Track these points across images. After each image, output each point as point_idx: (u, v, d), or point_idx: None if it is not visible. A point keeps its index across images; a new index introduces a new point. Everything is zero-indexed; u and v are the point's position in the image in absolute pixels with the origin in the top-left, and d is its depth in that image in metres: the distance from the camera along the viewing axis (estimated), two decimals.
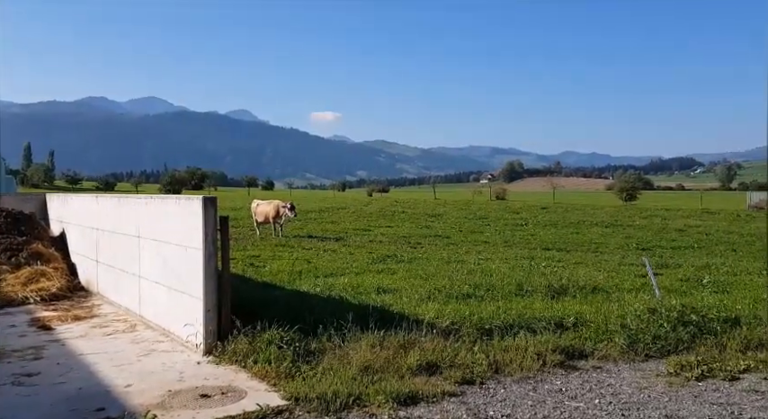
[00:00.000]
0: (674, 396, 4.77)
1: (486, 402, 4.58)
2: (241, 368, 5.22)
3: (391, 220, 27.40)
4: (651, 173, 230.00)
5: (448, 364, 5.28)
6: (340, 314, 6.16)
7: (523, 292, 8.62)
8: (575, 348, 5.87)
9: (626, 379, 5.18)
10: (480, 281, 9.26)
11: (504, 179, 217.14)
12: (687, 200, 59.45)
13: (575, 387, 4.98)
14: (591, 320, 6.61)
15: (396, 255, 13.83)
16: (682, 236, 21.28)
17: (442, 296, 8.17)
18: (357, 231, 21.43)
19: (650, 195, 73.97)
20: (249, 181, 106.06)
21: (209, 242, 5.73)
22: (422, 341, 5.69)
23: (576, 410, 4.45)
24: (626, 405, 4.57)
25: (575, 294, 8.55)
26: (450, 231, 22.42)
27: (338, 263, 12.10)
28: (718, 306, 7.12)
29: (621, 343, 5.93)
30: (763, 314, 6.85)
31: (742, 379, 5.17)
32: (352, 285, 8.86)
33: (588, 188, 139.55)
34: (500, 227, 24.51)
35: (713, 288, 9.19)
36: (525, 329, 6.27)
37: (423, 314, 6.54)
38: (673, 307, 6.63)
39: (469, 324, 6.30)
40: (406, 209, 35.47)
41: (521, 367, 5.34)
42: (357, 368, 5.01)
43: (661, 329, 6.19)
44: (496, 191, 64.17)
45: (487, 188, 75.65)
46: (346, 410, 4.30)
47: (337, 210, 32.41)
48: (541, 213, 33.72)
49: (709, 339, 6.11)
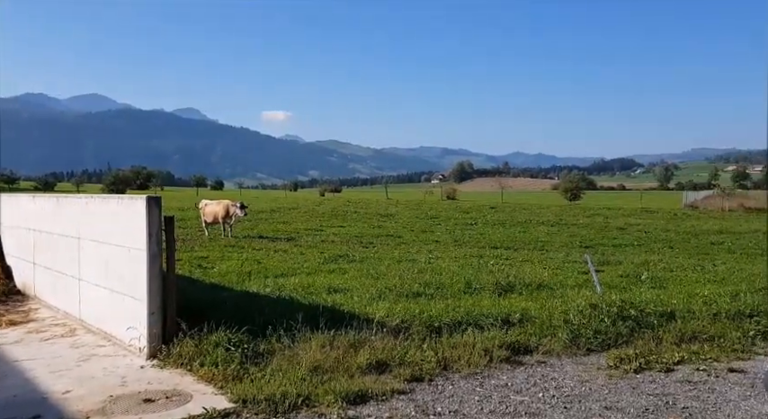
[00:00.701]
0: (614, 388, 4.96)
1: (434, 398, 4.64)
2: (187, 371, 5.11)
3: (343, 220, 27.35)
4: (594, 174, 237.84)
5: (398, 362, 5.32)
6: (290, 314, 6.11)
7: (472, 290, 8.77)
8: (520, 343, 6.01)
9: (568, 373, 5.35)
10: (430, 280, 9.36)
11: (454, 179, 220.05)
12: (628, 199, 61.81)
13: (520, 381, 5.11)
14: (536, 316, 6.79)
15: (347, 255, 13.82)
16: (622, 234, 22.13)
17: (393, 295, 8.22)
18: (309, 231, 21.29)
19: (593, 195, 76.57)
20: (197, 180, 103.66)
21: (154, 242, 5.58)
22: (372, 340, 5.70)
23: (520, 404, 4.57)
24: (568, 398, 4.72)
25: (521, 291, 8.76)
26: (401, 231, 22.57)
27: (289, 264, 11.99)
28: (655, 301, 7.44)
29: (564, 338, 6.12)
30: (698, 308, 7.19)
31: (676, 371, 5.42)
32: (303, 285, 8.80)
33: (535, 188, 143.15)
34: (450, 227, 24.85)
35: (651, 283, 9.60)
36: (473, 326, 6.38)
37: (373, 313, 6.56)
38: (613, 303, 6.90)
39: (419, 322, 6.36)
40: (359, 209, 35.49)
41: (468, 363, 5.43)
42: (307, 368, 4.98)
43: (602, 324, 6.42)
44: (447, 191, 65.06)
45: (438, 188, 76.56)
46: (295, 411, 4.27)
47: (289, 210, 32.09)
48: (490, 213, 34.38)
49: (646, 332, 6.37)
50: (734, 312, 7.03)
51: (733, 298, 7.64)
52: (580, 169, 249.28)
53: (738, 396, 4.74)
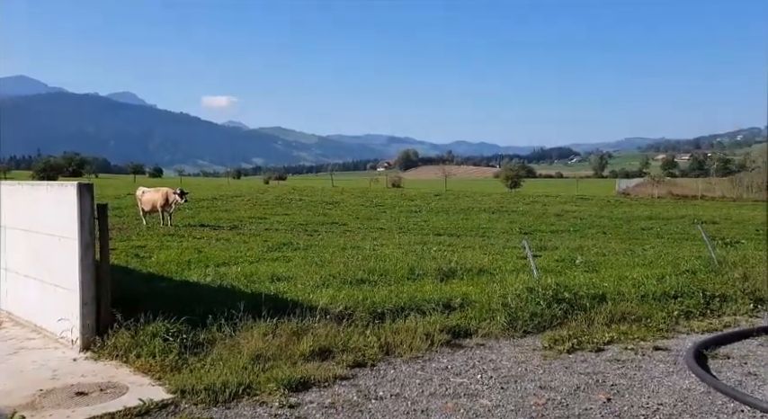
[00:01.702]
0: (548, 368, 5.17)
1: (376, 383, 4.71)
2: (123, 363, 4.97)
3: (288, 208, 27.07)
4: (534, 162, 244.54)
5: (341, 349, 5.35)
6: (232, 303, 6.02)
7: (415, 276, 8.90)
8: (461, 327, 6.17)
9: (506, 355, 5.53)
10: (374, 267, 9.41)
11: (399, 167, 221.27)
12: (565, 187, 63.97)
13: (459, 364, 5.25)
14: (476, 300, 6.97)
15: (292, 243, 13.72)
16: (559, 221, 22.93)
17: (337, 282, 8.24)
18: (253, 219, 20.96)
19: (533, 182, 78.81)
20: (135, 168, 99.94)
21: (86, 231, 5.37)
22: (315, 327, 5.71)
23: (460, 386, 4.70)
24: (505, 378, 4.88)
25: (462, 276, 8.95)
26: (347, 218, 22.56)
27: (231, 252, 11.79)
28: (588, 284, 7.78)
29: (503, 321, 6.31)
30: (627, 290, 7.56)
31: (606, 350, 5.69)
32: (246, 274, 8.68)
33: (478, 176, 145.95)
34: (395, 214, 25.03)
35: (585, 267, 10.01)
36: (416, 311, 6.49)
37: (317, 300, 6.56)
38: (548, 286, 7.16)
39: (363, 308, 6.41)
40: (304, 196, 35.18)
41: (410, 348, 5.53)
42: (248, 357, 4.94)
43: (538, 307, 6.66)
44: (392, 179, 65.49)
45: (384, 176, 76.87)
46: (236, 400, 4.24)
47: (232, 198, 31.45)
48: (434, 200, 34.84)
49: (579, 314, 6.65)
50: (660, 294, 7.45)
51: (659, 281, 8.07)
52: (520, 158, 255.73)
53: (662, 373, 5.03)
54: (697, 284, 7.88)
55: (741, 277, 8.33)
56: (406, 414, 4.11)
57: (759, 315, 7.09)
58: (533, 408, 4.23)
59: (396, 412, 4.14)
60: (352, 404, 4.26)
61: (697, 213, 27.96)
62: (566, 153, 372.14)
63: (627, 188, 51.68)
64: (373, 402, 4.31)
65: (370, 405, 4.25)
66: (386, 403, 4.29)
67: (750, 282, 8.08)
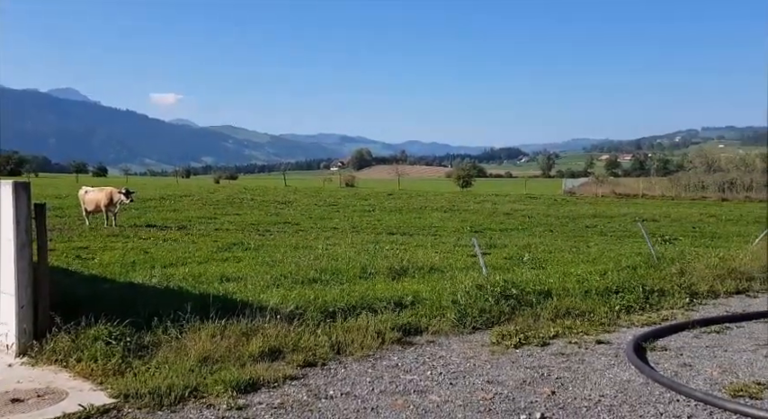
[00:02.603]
0: (496, 362, 5.28)
1: (327, 382, 4.70)
2: (62, 367, 4.78)
3: (239, 208, 26.61)
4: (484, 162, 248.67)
5: (291, 348, 5.31)
6: (178, 305, 5.89)
7: (367, 275, 8.92)
8: (412, 325, 6.22)
9: (455, 351, 5.62)
10: (326, 266, 9.40)
11: (353, 167, 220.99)
12: (514, 186, 65.36)
13: (410, 361, 5.30)
14: (427, 298, 7.06)
15: (242, 243, 13.52)
16: (509, 219, 23.40)
17: (289, 282, 8.18)
18: (202, 219, 20.50)
19: (483, 182, 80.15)
20: (77, 166, 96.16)
21: (22, 231, 5.14)
22: (265, 327, 5.65)
23: (410, 382, 4.74)
24: (454, 374, 4.96)
25: (414, 274, 9.04)
26: (299, 218, 22.37)
27: (179, 253, 11.51)
28: (534, 280, 7.99)
29: (453, 318, 6.41)
30: (572, 286, 7.80)
31: (552, 344, 5.86)
32: (194, 275, 8.51)
33: (430, 175, 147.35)
34: (349, 214, 24.99)
35: (532, 264, 10.28)
36: (367, 310, 6.51)
37: (267, 300, 6.49)
38: (497, 283, 7.32)
39: (314, 307, 6.39)
40: (256, 196, 34.66)
41: (362, 346, 5.54)
42: (195, 359, 4.84)
43: (486, 303, 6.79)
44: (346, 178, 65.38)
45: (338, 175, 76.59)
46: (182, 403, 4.15)
47: (180, 198, 30.67)
48: (388, 199, 34.97)
49: (526, 310, 6.82)
50: (602, 289, 7.72)
51: (602, 277, 8.37)
52: (472, 157, 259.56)
53: (604, 366, 5.22)
54: (637, 279, 8.20)
55: (678, 272, 8.73)
56: (356, 412, 4.12)
57: (694, 308, 7.45)
58: (481, 403, 4.31)
59: (346, 410, 4.14)
60: (302, 403, 4.23)
61: (638, 211, 29.08)
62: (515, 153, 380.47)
63: (573, 187, 53.25)
64: (323, 401, 4.30)
65: (320, 404, 4.24)
66: (336, 402, 4.29)
67: (686, 277, 8.48)
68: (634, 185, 49.96)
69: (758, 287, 8.58)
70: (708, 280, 8.44)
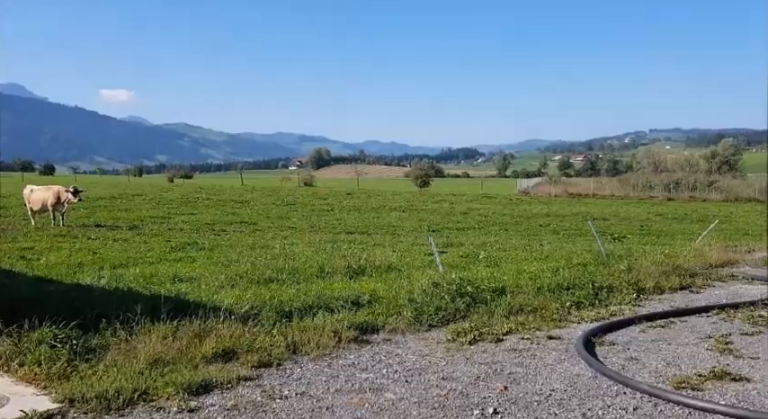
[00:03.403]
0: (451, 359, 5.34)
1: (281, 383, 4.65)
2: (3, 372, 4.57)
3: (194, 207, 26.11)
4: (442, 162, 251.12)
5: (246, 349, 5.24)
6: (128, 306, 5.73)
7: (325, 274, 8.89)
8: (368, 323, 6.22)
9: (411, 349, 5.65)
10: (283, 266, 9.32)
11: (312, 166, 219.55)
12: (471, 186, 66.26)
13: (366, 359, 5.31)
14: (384, 296, 7.08)
15: (197, 243, 13.27)
16: (465, 219, 23.74)
17: (244, 282, 8.08)
18: (155, 219, 20.01)
19: (441, 182, 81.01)
20: (23, 165, 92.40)
21: None
22: (219, 328, 5.55)
23: (365, 381, 4.75)
24: (410, 371, 4.99)
25: (371, 273, 9.05)
26: (257, 218, 22.11)
27: (130, 253, 11.22)
28: (489, 278, 8.12)
29: (409, 316, 6.44)
30: (525, 283, 7.96)
31: (505, 340, 5.96)
32: (145, 275, 8.30)
33: (389, 175, 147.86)
34: (307, 213, 24.84)
35: (487, 262, 10.44)
36: (324, 309, 6.48)
37: (221, 301, 6.39)
38: (453, 281, 7.40)
39: (269, 307, 6.32)
40: (211, 195, 34.07)
41: (318, 345, 5.51)
42: (145, 361, 4.71)
43: (443, 301, 6.86)
44: (304, 177, 64.98)
45: (296, 175, 75.99)
46: (130, 406, 4.04)
47: (132, 197, 29.86)
48: (347, 199, 34.94)
49: (481, 307, 6.92)
50: (554, 286, 7.91)
51: (554, 274, 8.57)
52: (430, 157, 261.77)
53: (555, 361, 5.34)
54: (587, 276, 8.43)
55: (626, 269, 9.02)
56: (311, 411, 4.10)
57: (641, 303, 7.71)
58: (436, 399, 4.35)
59: (301, 410, 4.12)
60: (256, 404, 4.18)
61: (589, 210, 29.94)
62: (472, 153, 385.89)
63: (527, 187, 54.39)
64: (278, 401, 4.26)
65: (275, 404, 4.20)
66: (291, 402, 4.26)
67: (633, 274, 8.77)
68: (585, 185, 51.40)
69: (701, 283, 8.94)
70: (654, 276, 8.75)
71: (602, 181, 58.50)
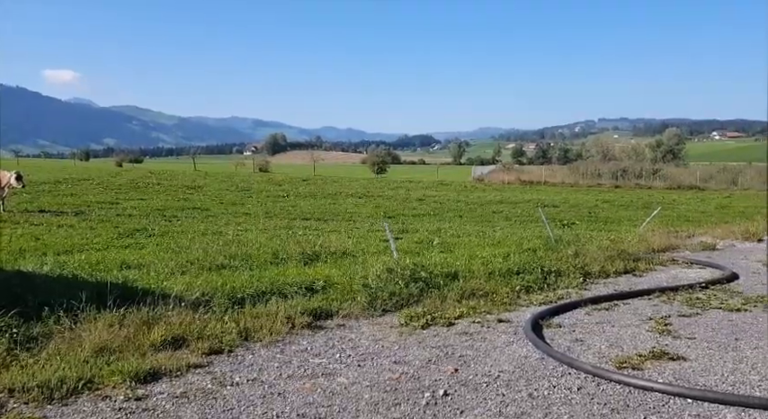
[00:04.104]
0: (403, 343, 5.40)
1: (233, 369, 4.61)
2: None
3: (144, 192, 25.43)
4: (399, 149, 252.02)
5: (196, 336, 5.16)
6: (73, 294, 5.54)
7: (279, 260, 8.82)
8: (323, 309, 6.22)
9: (365, 333, 5.69)
10: (236, 252, 9.19)
11: (267, 151, 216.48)
12: (427, 173, 66.87)
13: (319, 345, 5.31)
14: (338, 282, 7.09)
15: (146, 229, 12.94)
16: (421, 205, 23.94)
17: (195, 268, 7.94)
18: (102, 204, 19.39)
19: (398, 168, 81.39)
20: None
21: None
22: (168, 315, 5.45)
23: (318, 366, 4.76)
24: (363, 356, 5.03)
25: (326, 259, 9.04)
26: (210, 203, 21.72)
27: (75, 240, 10.85)
28: (442, 263, 8.22)
29: (363, 301, 6.47)
30: (477, 268, 8.10)
31: (457, 324, 6.06)
32: (91, 262, 8.04)
33: (346, 161, 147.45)
34: (262, 199, 24.56)
35: (441, 248, 10.58)
36: (278, 295, 6.44)
37: (171, 288, 6.26)
38: (407, 266, 7.46)
39: (221, 294, 6.24)
40: (162, 180, 33.24)
41: (270, 332, 5.48)
42: (91, 350, 4.58)
43: (396, 286, 6.91)
44: (260, 163, 64.12)
45: (251, 160, 74.81)
46: (74, 396, 3.93)
47: (79, 182, 28.82)
48: (302, 185, 34.70)
49: (434, 292, 7.00)
50: (505, 270, 8.07)
51: (505, 259, 8.75)
52: (386, 144, 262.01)
53: (504, 343, 5.47)
54: (537, 261, 8.65)
55: (573, 254, 9.29)
56: (262, 397, 4.08)
57: (587, 287, 7.97)
58: (388, 383, 4.41)
59: (252, 396, 4.09)
60: (206, 391, 4.14)
61: (541, 197, 30.65)
62: (428, 140, 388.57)
63: (481, 174, 55.27)
64: (228, 388, 4.22)
65: (225, 391, 4.16)
66: (242, 388, 4.23)
67: (580, 259, 9.05)
68: (537, 173, 52.59)
69: (643, 267, 9.30)
70: (600, 261, 9.05)
71: (554, 169, 59.99)
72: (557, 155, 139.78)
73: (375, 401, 4.05)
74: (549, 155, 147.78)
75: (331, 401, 4.04)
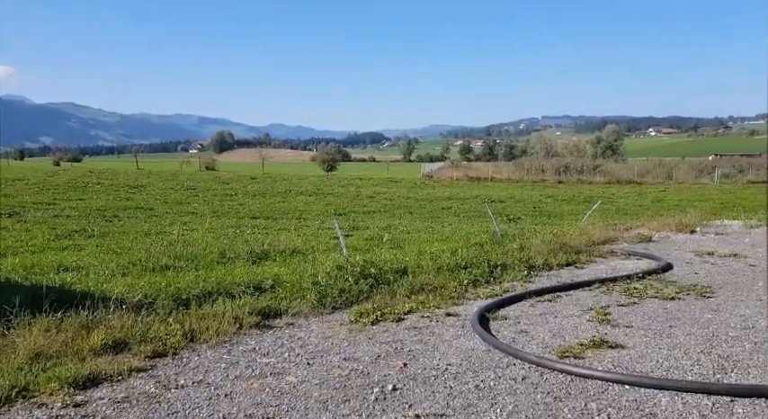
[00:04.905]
0: (353, 340, 5.41)
1: (177, 372, 4.50)
2: None
3: (84, 192, 24.48)
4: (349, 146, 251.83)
5: (139, 339, 5.01)
6: (6, 298, 5.28)
7: (226, 260, 8.68)
8: (271, 308, 6.15)
9: (314, 331, 5.67)
10: (181, 252, 8.98)
11: (214, 149, 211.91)
12: (377, 169, 67.09)
13: (268, 344, 5.25)
14: (287, 280, 7.02)
15: (86, 230, 12.48)
16: (371, 202, 24.02)
17: (138, 269, 7.71)
18: (38, 205, 18.54)
19: (348, 166, 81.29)
20: None
21: None
22: (109, 318, 5.27)
23: (266, 365, 4.71)
24: (312, 354, 5.01)
25: (275, 258, 8.95)
26: (154, 203, 21.12)
27: (9, 242, 10.35)
28: (392, 259, 8.27)
29: (313, 299, 6.44)
30: (426, 263, 8.20)
31: (406, 319, 6.12)
32: (25, 265, 7.69)
33: (295, 159, 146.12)
34: (209, 198, 24.06)
35: (391, 244, 10.64)
36: (225, 295, 6.32)
37: (111, 290, 6.06)
38: (357, 263, 7.47)
39: (165, 295, 6.08)
40: (103, 180, 32.08)
41: (217, 332, 5.38)
42: (25, 356, 4.38)
43: (346, 283, 6.91)
44: (206, 161, 62.83)
45: (197, 158, 73.06)
46: (8, 404, 3.74)
47: (13, 182, 27.45)
48: (251, 183, 34.17)
49: (384, 288, 7.04)
50: (453, 265, 8.20)
51: (453, 254, 8.88)
52: (336, 142, 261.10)
53: (452, 336, 5.56)
54: (484, 256, 8.82)
55: (518, 248, 9.53)
56: (208, 399, 4.01)
57: (531, 280, 8.19)
58: (337, 380, 4.40)
59: (197, 398, 4.01)
60: (149, 395, 4.03)
61: (488, 193, 31.29)
62: (378, 138, 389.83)
63: (431, 171, 55.90)
64: (173, 391, 4.12)
65: (170, 394, 4.06)
66: (187, 391, 4.14)
67: (525, 252, 9.29)
68: (484, 169, 53.64)
69: (585, 259, 9.62)
70: (543, 254, 9.31)
71: (500, 165, 61.31)
72: (503, 151, 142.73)
73: (324, 399, 4.04)
74: (496, 151, 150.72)
75: (279, 400, 4.01)
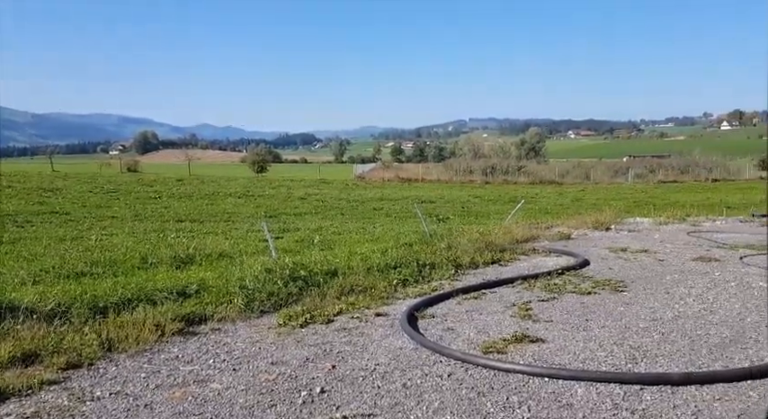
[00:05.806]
0: (281, 344, 5.34)
1: (93, 383, 4.29)
2: None
3: None
4: (279, 147, 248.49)
5: (51, 351, 4.73)
6: None
7: (148, 265, 8.36)
8: (196, 314, 5.98)
9: (241, 336, 5.55)
10: (99, 258, 8.58)
11: (136, 150, 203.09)
12: (309, 171, 66.59)
13: (191, 351, 5.10)
14: (213, 285, 6.83)
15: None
16: (303, 204, 23.82)
17: (51, 277, 7.29)
18: None
19: (279, 167, 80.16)
20: None
21: None
22: (18, 329, 4.97)
23: (189, 373, 4.57)
24: (238, 359, 4.90)
25: (201, 262, 8.70)
26: (70, 207, 20.00)
27: None
28: (322, 261, 8.22)
29: (240, 304, 6.30)
30: (356, 264, 8.22)
31: (336, 321, 6.10)
32: None
33: (224, 160, 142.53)
34: (131, 201, 23.07)
35: (321, 246, 10.59)
36: (146, 302, 6.09)
37: (21, 299, 5.69)
38: (286, 266, 7.39)
39: (81, 303, 5.78)
40: (14, 183, 30.01)
41: (137, 341, 5.17)
42: None
43: (275, 286, 6.82)
44: (128, 162, 60.27)
45: (118, 160, 69.87)
46: None
47: None
48: (177, 185, 33.02)
49: (314, 290, 6.99)
50: (383, 265, 8.26)
51: (383, 254, 8.95)
52: (267, 142, 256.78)
53: (381, 336, 5.60)
54: (413, 255, 8.94)
55: (446, 247, 9.73)
56: (126, 411, 3.84)
57: (458, 278, 8.37)
58: (264, 385, 4.34)
59: (115, 410, 3.84)
60: (62, 409, 3.81)
61: (418, 194, 31.76)
62: (309, 139, 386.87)
63: (362, 172, 56.13)
64: (88, 404, 3.92)
65: (85, 407, 3.86)
66: (104, 403, 3.95)
67: (453, 251, 9.50)
68: (415, 170, 54.44)
69: (508, 257, 9.94)
70: (470, 252, 9.56)
71: (430, 166, 62.38)
72: (432, 153, 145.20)
73: (250, 404, 3.97)
74: (426, 153, 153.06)
75: (203, 408, 3.90)
